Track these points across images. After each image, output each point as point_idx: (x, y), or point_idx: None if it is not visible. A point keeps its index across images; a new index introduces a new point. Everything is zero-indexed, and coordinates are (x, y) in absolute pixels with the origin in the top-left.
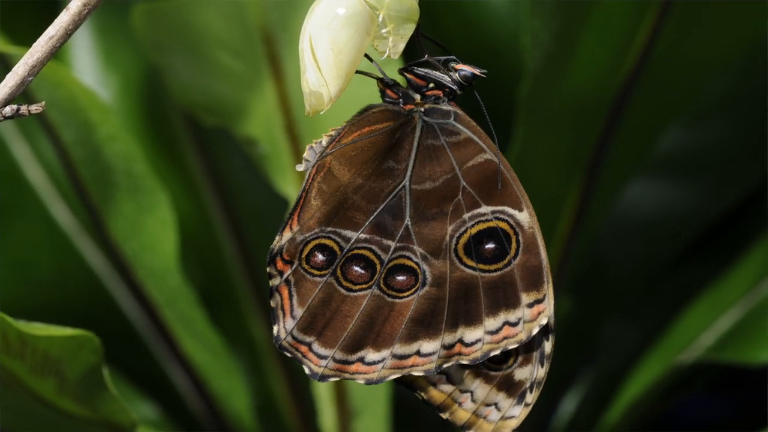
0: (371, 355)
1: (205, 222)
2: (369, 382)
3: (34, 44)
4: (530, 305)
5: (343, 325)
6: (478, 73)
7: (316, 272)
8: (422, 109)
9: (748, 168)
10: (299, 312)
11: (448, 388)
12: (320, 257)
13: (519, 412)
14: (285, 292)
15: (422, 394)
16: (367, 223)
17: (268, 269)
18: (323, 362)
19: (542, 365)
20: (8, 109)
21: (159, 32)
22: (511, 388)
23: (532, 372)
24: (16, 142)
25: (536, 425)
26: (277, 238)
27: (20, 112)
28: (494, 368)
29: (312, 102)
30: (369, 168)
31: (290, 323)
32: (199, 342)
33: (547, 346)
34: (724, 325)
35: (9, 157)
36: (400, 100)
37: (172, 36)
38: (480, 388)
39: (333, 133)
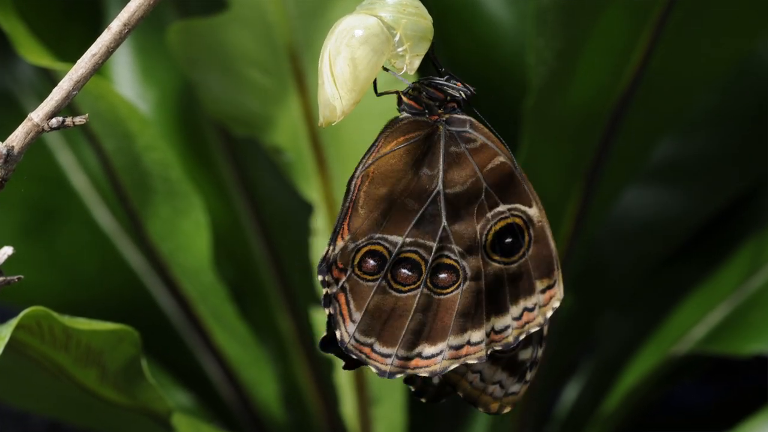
0: (428, 349)
1: (235, 224)
2: (433, 374)
3: (79, 61)
4: (543, 291)
5: (400, 324)
6: (472, 91)
7: (368, 277)
8: (444, 119)
9: (733, 175)
10: (358, 316)
11: (461, 368)
12: (371, 263)
13: (519, 389)
14: (342, 299)
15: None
16: (410, 228)
17: (324, 278)
18: (388, 360)
19: (540, 346)
20: (54, 121)
21: (193, 50)
22: (514, 367)
23: (532, 353)
24: (62, 151)
25: (540, 412)
26: (329, 248)
27: (65, 123)
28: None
29: (326, 114)
30: (408, 175)
31: (351, 327)
32: (229, 334)
33: (545, 329)
34: (714, 319)
35: (55, 164)
36: (426, 111)
37: (205, 53)
38: (488, 368)
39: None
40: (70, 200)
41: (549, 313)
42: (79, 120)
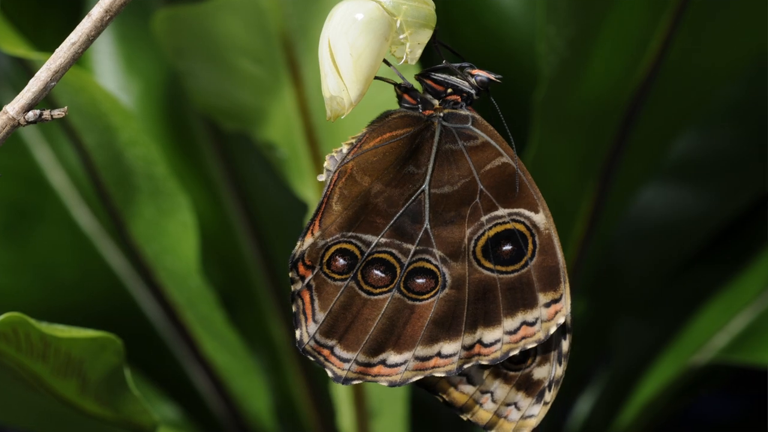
0: (393, 357)
1: (225, 224)
2: (392, 384)
3: (57, 50)
4: (547, 305)
5: (364, 328)
6: (494, 79)
7: (337, 276)
8: (441, 114)
9: (757, 173)
10: (321, 316)
11: (468, 389)
12: (341, 261)
13: (538, 411)
14: (307, 297)
15: (444, 396)
16: (387, 228)
17: (290, 274)
18: (346, 365)
19: (560, 364)
20: (31, 114)
21: (180, 38)
22: (530, 387)
23: (550, 371)
24: (39, 147)
25: (552, 426)
26: (298, 243)
27: (43, 116)
28: (513, 368)
29: (333, 107)
30: (390, 173)
31: (312, 327)
32: (218, 343)
33: (564, 345)
34: (736, 327)
35: (32, 161)
36: (419, 105)
37: (192, 42)
38: (500, 389)
39: (353, 140)
40: (47, 199)
41: (552, 329)
42: (57, 113)
